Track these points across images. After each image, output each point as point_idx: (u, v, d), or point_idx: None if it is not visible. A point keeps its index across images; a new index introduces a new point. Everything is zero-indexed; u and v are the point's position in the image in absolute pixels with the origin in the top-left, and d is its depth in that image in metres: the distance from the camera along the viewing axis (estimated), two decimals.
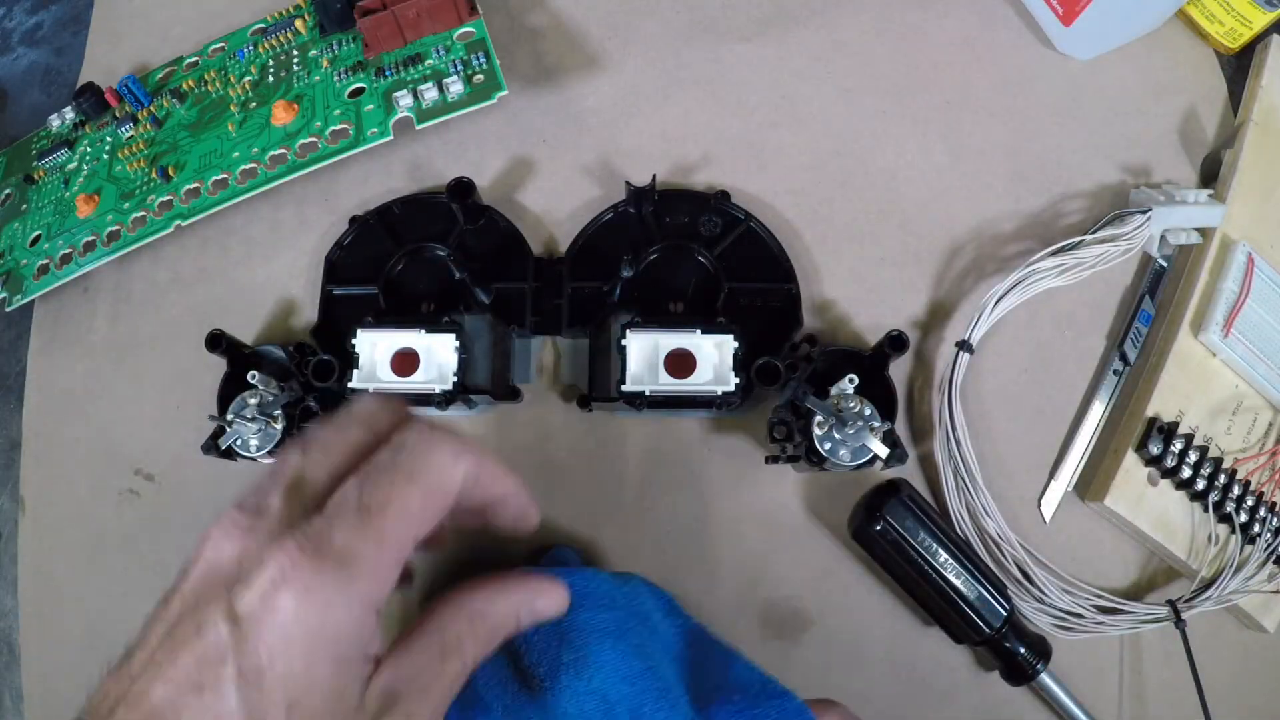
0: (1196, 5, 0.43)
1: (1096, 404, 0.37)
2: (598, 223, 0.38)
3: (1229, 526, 0.35)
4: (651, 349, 0.32)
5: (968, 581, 0.32)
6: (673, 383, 0.32)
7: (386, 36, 0.38)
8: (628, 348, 0.32)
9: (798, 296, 0.37)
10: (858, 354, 0.34)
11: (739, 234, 0.38)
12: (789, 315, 0.36)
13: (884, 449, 0.31)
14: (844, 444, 0.31)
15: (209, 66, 0.41)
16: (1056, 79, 0.42)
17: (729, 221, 0.38)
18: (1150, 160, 0.41)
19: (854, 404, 0.32)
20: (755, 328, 0.35)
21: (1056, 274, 0.36)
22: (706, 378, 0.32)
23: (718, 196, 0.38)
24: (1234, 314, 0.37)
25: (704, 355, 0.32)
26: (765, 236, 0.38)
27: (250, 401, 0.33)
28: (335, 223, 0.39)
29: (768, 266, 0.37)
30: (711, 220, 0.38)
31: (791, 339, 0.36)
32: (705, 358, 0.32)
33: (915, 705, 0.34)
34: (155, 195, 0.37)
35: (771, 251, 0.38)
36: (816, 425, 0.32)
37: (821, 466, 0.33)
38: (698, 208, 0.38)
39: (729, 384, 0.32)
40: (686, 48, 0.42)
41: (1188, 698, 0.33)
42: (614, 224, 0.38)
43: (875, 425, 0.31)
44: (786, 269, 0.37)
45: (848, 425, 0.31)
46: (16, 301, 0.37)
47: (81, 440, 0.38)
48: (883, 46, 0.43)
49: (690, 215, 0.38)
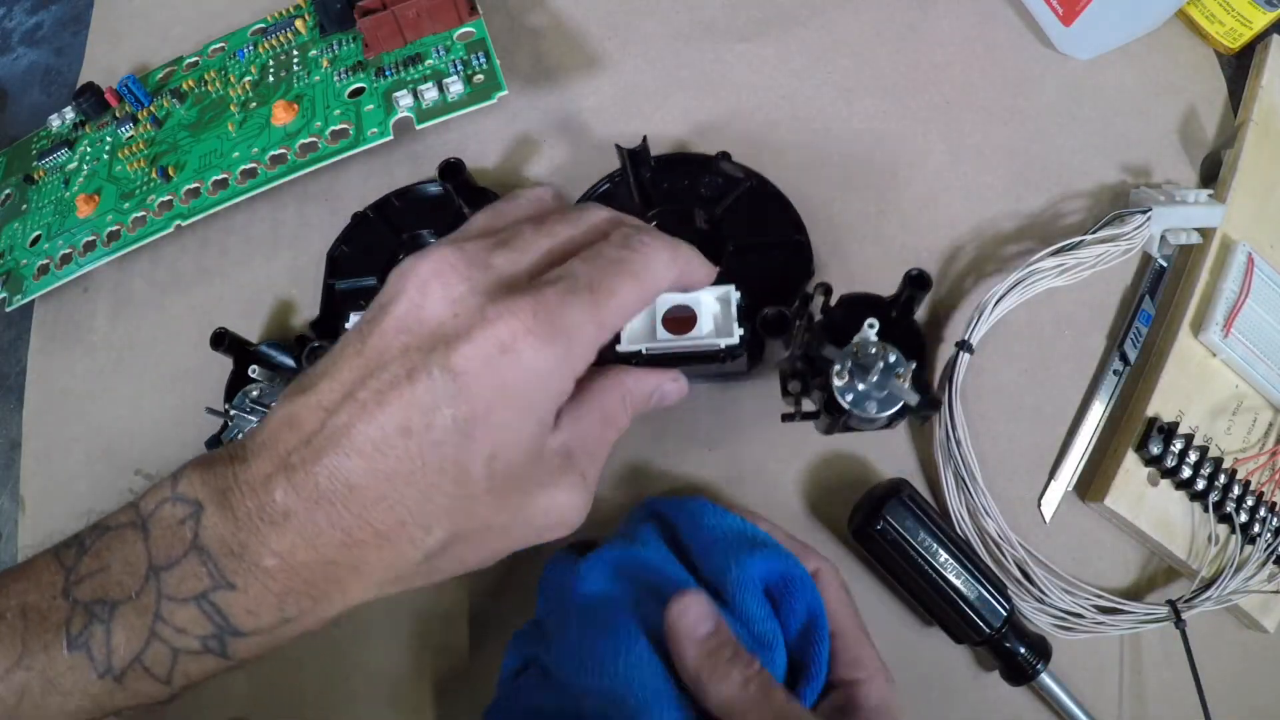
0: (1196, 5, 0.43)
1: (1096, 404, 0.37)
2: (594, 193, 0.38)
3: (1229, 526, 0.35)
4: (647, 311, 0.30)
5: (968, 581, 0.32)
6: (671, 339, 0.29)
7: (386, 36, 0.38)
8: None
9: (808, 245, 0.34)
10: (877, 299, 0.31)
11: (742, 191, 0.36)
12: (801, 268, 0.34)
13: (914, 395, 0.28)
14: (869, 395, 0.28)
15: (209, 66, 0.41)
16: (1056, 79, 0.42)
17: (731, 180, 0.36)
18: (1150, 160, 0.41)
19: (876, 350, 0.28)
20: (766, 285, 0.33)
21: (1056, 274, 0.36)
22: (707, 330, 0.29)
23: (719, 156, 0.37)
24: (1234, 314, 0.37)
25: (704, 309, 0.30)
26: (770, 192, 0.36)
27: (251, 394, 0.33)
28: (335, 223, 0.39)
29: (775, 220, 0.35)
30: (713, 181, 0.36)
31: (804, 289, 0.33)
32: (706, 311, 0.30)
33: (915, 705, 0.34)
34: (155, 195, 0.37)
35: (778, 205, 0.36)
36: (835, 375, 0.28)
37: (847, 424, 0.30)
38: (698, 170, 0.37)
39: (732, 336, 0.29)
40: (686, 48, 0.42)
41: (1188, 698, 0.33)
42: (610, 194, 0.38)
43: (901, 370, 0.28)
44: (795, 220, 0.35)
45: (870, 372, 0.28)
46: (16, 301, 0.37)
47: (81, 440, 0.38)
48: (883, 46, 0.43)
49: (691, 179, 0.37)
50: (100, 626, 0.21)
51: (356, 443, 0.21)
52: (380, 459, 0.20)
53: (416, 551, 0.22)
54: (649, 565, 0.28)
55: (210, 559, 0.21)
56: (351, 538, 0.21)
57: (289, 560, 0.21)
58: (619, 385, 0.26)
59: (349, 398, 0.21)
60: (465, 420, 0.21)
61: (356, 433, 0.21)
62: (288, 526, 0.20)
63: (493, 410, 0.21)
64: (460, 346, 0.21)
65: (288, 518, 0.20)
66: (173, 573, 0.21)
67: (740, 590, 0.27)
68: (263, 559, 0.20)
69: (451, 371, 0.21)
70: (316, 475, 0.20)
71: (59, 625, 0.21)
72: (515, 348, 0.21)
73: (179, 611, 0.21)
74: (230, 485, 0.21)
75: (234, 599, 0.21)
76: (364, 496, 0.21)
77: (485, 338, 0.21)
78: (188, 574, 0.21)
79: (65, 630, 0.20)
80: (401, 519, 0.21)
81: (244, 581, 0.21)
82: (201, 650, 0.21)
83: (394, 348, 0.21)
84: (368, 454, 0.20)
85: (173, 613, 0.21)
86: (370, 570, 0.21)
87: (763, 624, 0.27)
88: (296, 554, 0.20)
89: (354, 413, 0.21)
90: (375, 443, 0.21)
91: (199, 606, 0.21)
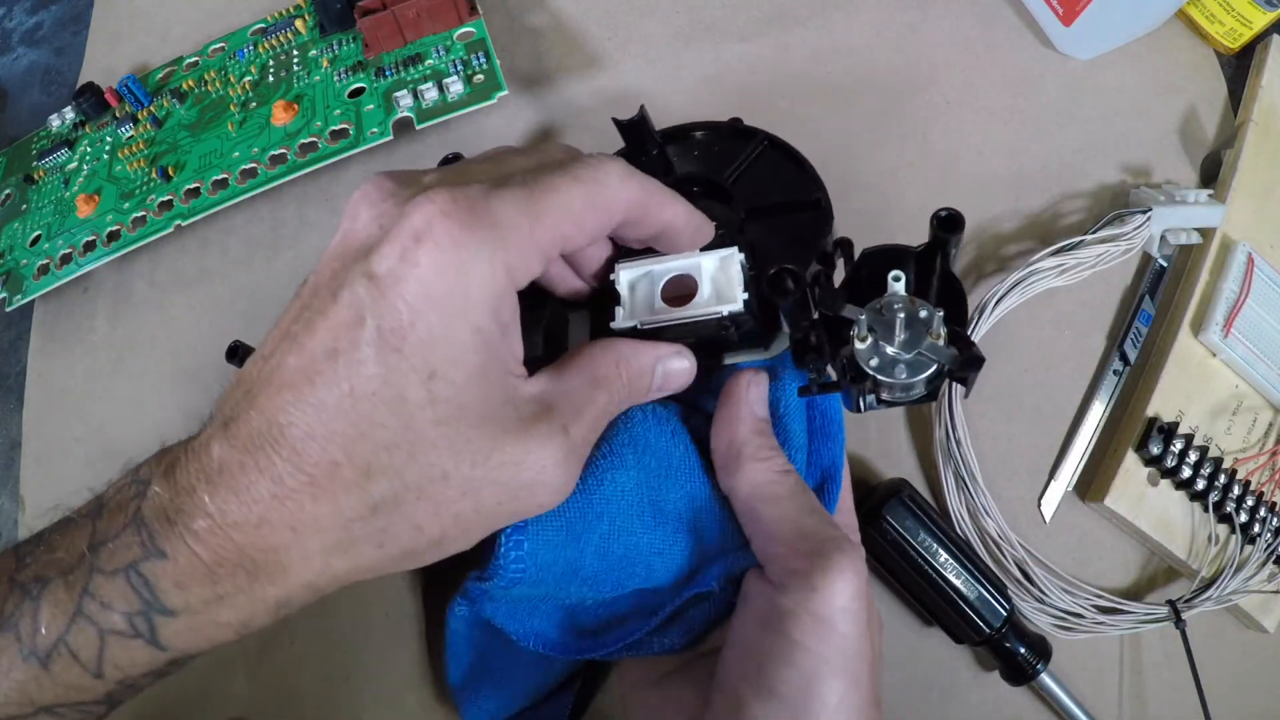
0: (1196, 5, 0.43)
1: (1096, 404, 0.37)
2: None
3: (1229, 526, 0.35)
4: (647, 284, 0.27)
5: (968, 581, 0.32)
6: (669, 311, 0.26)
7: (386, 36, 0.38)
8: (617, 283, 0.26)
9: (828, 204, 0.31)
10: (905, 250, 0.27)
11: (754, 154, 0.33)
12: (820, 228, 0.30)
13: (949, 353, 0.23)
14: (898, 359, 0.23)
15: (209, 66, 0.41)
16: (1056, 79, 0.42)
17: (742, 145, 0.33)
18: (1150, 160, 0.41)
19: (902, 305, 0.24)
20: (786, 251, 0.30)
21: (1056, 274, 0.36)
22: (708, 296, 0.26)
23: (729, 123, 0.34)
24: (1234, 314, 0.37)
25: (705, 274, 0.26)
26: (785, 152, 0.33)
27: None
28: (335, 223, 0.39)
29: (791, 180, 0.32)
30: (725, 146, 0.33)
31: (822, 247, 0.30)
32: (706, 276, 0.26)
33: (915, 705, 0.34)
34: (155, 195, 0.37)
35: (794, 166, 0.33)
36: (857, 338, 0.24)
37: (876, 395, 0.25)
38: (708, 137, 0.34)
39: (736, 301, 0.25)
40: (686, 48, 0.42)
41: (1188, 698, 0.33)
42: None
43: (933, 327, 0.23)
44: (813, 178, 0.32)
45: (897, 331, 0.23)
46: (16, 301, 0.37)
47: (81, 440, 0.38)
48: (883, 46, 0.43)
49: (701, 150, 0.34)
50: (30, 604, 0.19)
51: (286, 377, 0.19)
52: (309, 389, 0.19)
53: (356, 502, 0.19)
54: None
55: (145, 528, 0.19)
56: (283, 486, 0.19)
57: (220, 521, 0.19)
58: (611, 348, 0.24)
59: (284, 337, 0.20)
60: (391, 331, 0.19)
61: (286, 367, 0.19)
62: (220, 482, 0.19)
63: (419, 315, 0.19)
64: (379, 249, 0.19)
65: (221, 472, 0.19)
66: (107, 546, 0.19)
67: (788, 411, 0.28)
68: (194, 521, 0.19)
69: (370, 276, 0.19)
70: (250, 421, 0.19)
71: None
72: (430, 233, 0.19)
73: (106, 585, 0.19)
74: (178, 457, 0.20)
75: (162, 568, 0.19)
76: (293, 435, 0.19)
77: (400, 230, 0.19)
78: (120, 546, 0.19)
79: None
80: (334, 459, 0.19)
81: (173, 548, 0.19)
82: (129, 632, 0.19)
83: (325, 276, 0.20)
84: (297, 386, 0.19)
85: (99, 586, 0.19)
86: (308, 531, 0.19)
87: (798, 452, 0.28)
88: (228, 512, 0.19)
89: (286, 348, 0.19)
90: (304, 371, 0.19)
91: (126, 578, 0.19)
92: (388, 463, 0.19)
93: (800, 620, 0.22)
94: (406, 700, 0.33)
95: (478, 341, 0.20)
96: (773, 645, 0.22)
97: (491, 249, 0.19)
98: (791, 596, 0.23)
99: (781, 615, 0.23)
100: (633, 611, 0.28)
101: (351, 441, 0.19)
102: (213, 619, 0.20)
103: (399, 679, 0.33)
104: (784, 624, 0.22)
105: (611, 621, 0.28)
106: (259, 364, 0.20)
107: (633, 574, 0.27)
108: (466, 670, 0.30)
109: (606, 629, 0.28)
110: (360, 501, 0.19)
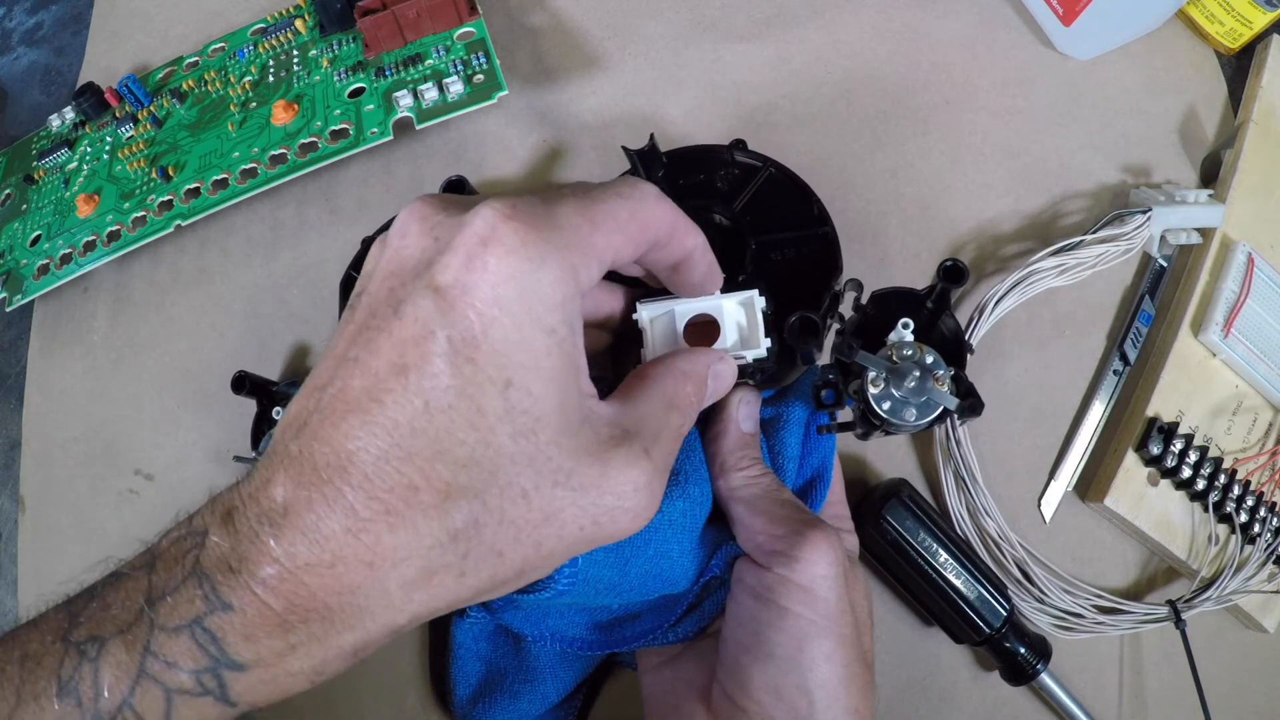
0: (1196, 5, 0.43)
1: (1096, 404, 0.37)
2: None
3: (1229, 526, 0.35)
4: (668, 322, 0.27)
5: (968, 581, 0.32)
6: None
7: (386, 36, 0.38)
8: (640, 322, 0.27)
9: (835, 240, 0.32)
10: (912, 294, 0.29)
11: (761, 182, 0.33)
12: (828, 263, 0.32)
13: (953, 400, 0.26)
14: (906, 401, 0.26)
15: (209, 66, 0.41)
16: (1056, 79, 0.42)
17: (748, 171, 0.34)
18: (1150, 160, 0.41)
19: (912, 352, 0.27)
20: (793, 283, 0.31)
21: (1056, 274, 0.36)
22: (732, 342, 0.27)
23: (732, 146, 0.34)
24: (1234, 314, 0.37)
25: (727, 318, 0.27)
26: (790, 181, 0.34)
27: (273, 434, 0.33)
28: (336, 222, 0.39)
29: (797, 213, 0.33)
30: (730, 173, 0.34)
31: (832, 287, 0.31)
32: (729, 320, 0.27)
33: (915, 705, 0.34)
34: (155, 195, 0.37)
35: (799, 196, 0.33)
36: (871, 384, 0.27)
37: (885, 430, 0.28)
38: (713, 163, 0.35)
39: (760, 348, 0.26)
40: (686, 48, 0.42)
41: (1188, 698, 0.33)
42: None
43: (939, 373, 0.26)
44: (819, 212, 0.33)
45: (907, 378, 0.26)
46: (16, 301, 0.37)
47: (81, 440, 0.38)
48: (883, 46, 0.43)
49: (706, 172, 0.34)
50: (89, 666, 0.18)
51: (351, 401, 0.18)
52: (378, 410, 0.18)
53: (436, 528, 0.18)
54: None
55: (206, 580, 0.18)
56: (356, 518, 0.18)
57: (289, 565, 0.18)
58: (671, 367, 0.24)
59: (341, 362, 0.19)
60: (463, 341, 0.18)
61: (350, 390, 0.18)
62: (287, 524, 0.18)
63: (491, 322, 0.18)
64: (441, 259, 0.19)
65: (286, 514, 0.18)
66: (166, 601, 0.18)
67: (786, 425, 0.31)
68: (261, 568, 0.18)
69: (435, 289, 0.18)
70: (314, 455, 0.18)
71: (52, 672, 0.18)
72: (497, 237, 0.18)
73: (169, 643, 0.18)
74: (235, 503, 0.19)
75: (229, 621, 0.18)
76: (363, 461, 0.18)
77: (464, 239, 0.18)
78: (182, 600, 0.18)
79: (57, 677, 0.18)
80: (411, 482, 0.18)
81: (240, 599, 0.18)
82: (197, 690, 0.18)
83: (380, 295, 0.19)
84: (364, 408, 0.18)
85: (163, 644, 0.18)
86: (385, 565, 0.18)
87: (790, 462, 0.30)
88: (297, 555, 0.18)
89: (347, 372, 0.18)
90: (371, 392, 0.18)
91: (191, 635, 0.18)
92: (466, 483, 0.18)
93: (787, 588, 0.25)
94: (407, 699, 0.33)
95: (551, 345, 0.19)
96: (765, 614, 0.25)
97: (559, 249, 0.19)
98: (776, 571, 0.25)
99: (770, 587, 0.25)
100: (650, 609, 0.29)
101: (428, 461, 0.18)
102: (285, 670, 0.19)
103: (399, 678, 0.34)
104: (773, 594, 0.25)
105: (628, 618, 0.29)
106: (313, 395, 0.19)
107: (662, 588, 0.28)
108: (477, 685, 0.31)
109: (623, 624, 0.29)
110: (440, 527, 0.18)
